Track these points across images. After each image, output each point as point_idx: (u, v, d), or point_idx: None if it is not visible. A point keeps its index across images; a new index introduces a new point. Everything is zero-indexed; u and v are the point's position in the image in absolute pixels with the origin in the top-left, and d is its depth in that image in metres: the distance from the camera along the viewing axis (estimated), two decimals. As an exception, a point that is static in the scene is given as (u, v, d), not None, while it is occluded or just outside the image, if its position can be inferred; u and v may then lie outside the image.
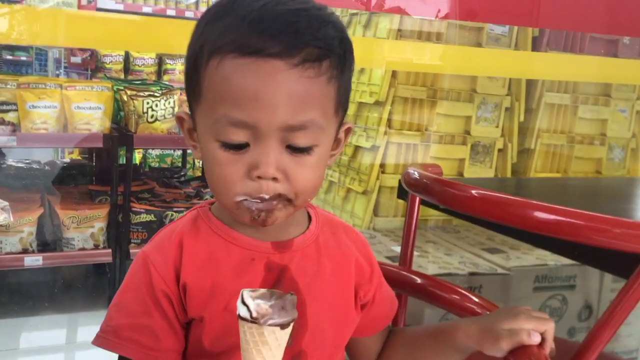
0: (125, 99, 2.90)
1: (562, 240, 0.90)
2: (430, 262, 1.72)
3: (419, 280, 0.90)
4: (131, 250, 2.85)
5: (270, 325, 0.53)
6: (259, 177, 0.65)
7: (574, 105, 2.45)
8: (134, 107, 2.86)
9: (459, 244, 1.97)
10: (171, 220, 2.92)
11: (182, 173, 3.58)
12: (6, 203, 1.46)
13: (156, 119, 2.88)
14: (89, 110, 2.73)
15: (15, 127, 2.61)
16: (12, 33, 2.12)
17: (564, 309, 1.80)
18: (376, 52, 2.09)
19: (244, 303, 0.55)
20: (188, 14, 4.74)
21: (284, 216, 0.68)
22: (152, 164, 4.23)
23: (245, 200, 0.66)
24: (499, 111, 2.29)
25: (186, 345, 0.74)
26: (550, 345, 0.73)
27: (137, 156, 4.12)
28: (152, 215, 2.91)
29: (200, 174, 3.97)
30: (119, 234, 2.85)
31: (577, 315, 1.84)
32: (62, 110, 2.69)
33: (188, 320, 0.72)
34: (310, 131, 0.65)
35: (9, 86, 2.59)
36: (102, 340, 0.72)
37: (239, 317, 0.54)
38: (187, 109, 0.74)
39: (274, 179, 0.65)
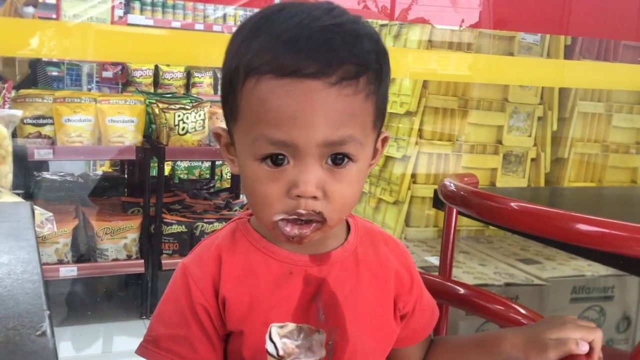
0: (157, 112, 2.95)
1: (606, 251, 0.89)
2: (465, 272, 1.70)
3: (462, 291, 0.90)
4: (163, 261, 2.89)
5: None
6: (298, 196, 0.65)
7: (608, 113, 2.42)
8: (165, 119, 2.91)
9: (493, 254, 1.96)
10: (202, 232, 2.98)
11: (211, 185, 3.61)
12: (50, 214, 1.50)
13: (187, 132, 2.92)
14: (122, 123, 2.78)
15: (51, 140, 2.67)
16: (45, 48, 2.17)
17: (601, 320, 1.77)
18: (404, 62, 2.09)
19: (271, 340, 0.55)
20: (216, 27, 4.82)
21: (318, 236, 0.69)
22: (181, 176, 4.29)
23: (282, 220, 0.67)
24: (531, 120, 2.27)
25: (226, 356, 0.74)
26: (598, 354, 0.73)
27: (166, 168, 4.18)
28: (184, 227, 2.94)
29: (228, 186, 4.01)
30: (151, 245, 2.89)
31: (616, 326, 1.80)
32: (96, 124, 2.75)
33: (227, 332, 0.73)
34: (350, 146, 0.65)
35: (45, 100, 2.66)
36: (143, 350, 0.73)
37: (268, 352, 0.54)
38: (222, 124, 0.74)
39: (314, 197, 0.65)
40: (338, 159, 0.66)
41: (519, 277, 1.72)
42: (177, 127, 2.90)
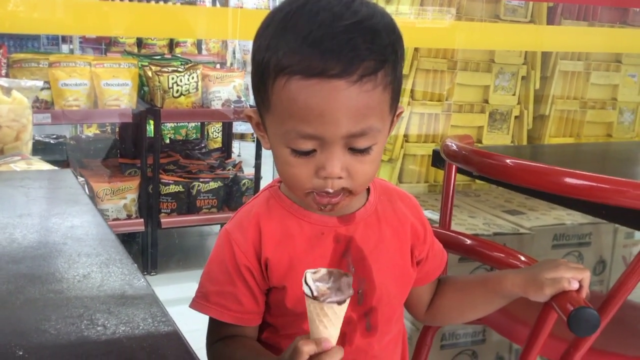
0: (150, 74, 3.00)
1: (590, 201, 1.03)
2: (457, 224, 1.85)
3: (468, 242, 1.03)
4: (162, 220, 2.99)
5: (328, 302, 0.64)
6: (326, 177, 0.74)
7: (586, 71, 2.55)
8: (159, 82, 2.97)
9: (480, 206, 2.10)
10: (198, 191, 3.08)
11: (202, 145, 3.69)
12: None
13: (181, 94, 2.99)
14: (117, 87, 2.83)
15: (48, 105, 2.72)
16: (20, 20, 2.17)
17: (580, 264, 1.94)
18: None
19: (307, 284, 0.66)
20: None
21: (346, 204, 0.79)
22: (168, 136, 4.35)
23: (313, 192, 0.76)
24: (515, 80, 2.39)
25: (268, 307, 0.85)
26: (586, 290, 0.86)
27: (151, 128, 4.23)
28: (180, 186, 3.04)
29: (218, 146, 4.09)
30: (150, 205, 2.99)
31: (592, 269, 1.98)
32: (92, 87, 2.80)
33: (268, 287, 0.83)
34: (370, 135, 0.73)
35: (41, 65, 2.69)
36: (196, 304, 0.83)
37: (305, 294, 0.65)
38: (216, 86, 0.80)
39: (339, 177, 0.75)
40: (358, 151, 0.74)
41: (506, 227, 1.88)
42: (171, 89, 2.96)
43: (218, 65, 4.14)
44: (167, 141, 3.88)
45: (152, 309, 0.62)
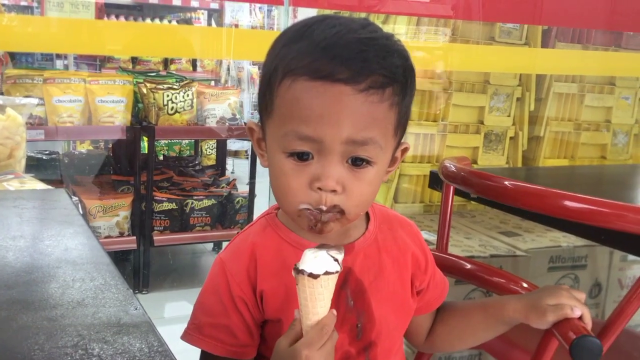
0: (145, 91, 2.99)
1: (589, 225, 1.02)
2: (453, 245, 1.84)
3: (468, 266, 1.02)
4: (155, 238, 2.97)
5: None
6: (320, 189, 0.71)
7: (580, 93, 2.57)
8: (154, 99, 2.96)
9: (476, 227, 2.10)
10: (192, 208, 3.06)
11: (196, 162, 3.67)
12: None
13: (176, 111, 2.98)
14: (112, 103, 2.82)
15: (41, 121, 2.70)
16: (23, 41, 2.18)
17: (576, 287, 1.93)
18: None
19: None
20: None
21: (338, 227, 0.76)
22: (161, 153, 4.33)
23: (306, 209, 0.73)
24: (510, 101, 2.40)
25: (264, 339, 0.82)
26: (589, 318, 0.85)
27: (145, 145, 4.21)
28: (174, 204, 3.02)
29: (212, 163, 4.08)
30: (142, 222, 2.96)
31: (588, 292, 1.97)
32: (86, 104, 2.78)
33: (264, 320, 0.81)
34: (371, 147, 0.71)
35: (35, 81, 2.68)
36: (188, 336, 0.81)
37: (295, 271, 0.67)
38: (211, 103, 0.80)
39: (333, 191, 0.71)
40: (358, 161, 0.72)
41: (502, 248, 1.87)
42: (166, 106, 2.95)
43: (213, 83, 4.14)
44: (161, 158, 3.86)
45: (149, 337, 0.60)
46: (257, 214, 3.30)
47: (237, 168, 5.22)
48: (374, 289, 0.82)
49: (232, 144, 5.15)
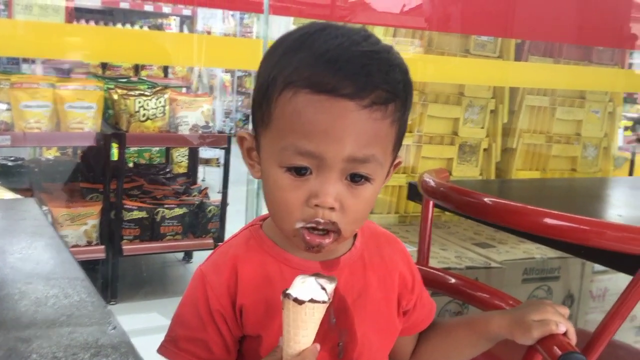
0: (116, 97, 2.93)
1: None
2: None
3: (452, 280, 1.01)
4: (124, 247, 2.90)
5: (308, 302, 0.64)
6: (317, 205, 0.69)
7: (552, 107, 2.61)
8: (125, 106, 2.90)
9: (451, 239, 2.10)
10: (162, 217, 3.00)
11: (167, 170, 3.62)
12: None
13: (148, 118, 2.93)
14: (81, 109, 2.76)
15: (8, 127, 2.62)
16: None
17: (549, 298, 1.95)
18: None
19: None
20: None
21: (333, 247, 0.74)
22: (130, 160, 4.24)
23: (302, 228, 0.71)
24: (484, 113, 2.42)
25: (241, 355, 0.80)
26: (574, 334, 0.84)
27: (115, 152, 4.14)
28: (144, 212, 2.96)
29: (183, 171, 4.02)
30: (111, 231, 2.89)
31: (561, 303, 1.99)
32: (54, 110, 2.71)
33: (242, 335, 0.78)
34: (371, 165, 0.70)
35: (2, 85, 2.60)
36: (163, 349, 0.78)
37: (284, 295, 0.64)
38: (184, 111, 0.78)
39: (331, 208, 0.69)
40: (357, 177, 0.70)
41: (477, 260, 1.88)
42: (137, 113, 2.89)
43: (185, 90, 4.09)
44: (131, 165, 3.79)
45: (129, 359, 0.58)
46: (229, 223, 3.26)
47: (208, 176, 5.15)
48: (358, 307, 0.79)
49: (204, 152, 5.09)
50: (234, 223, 3.12)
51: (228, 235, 3.39)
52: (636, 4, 2.84)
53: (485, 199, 1.12)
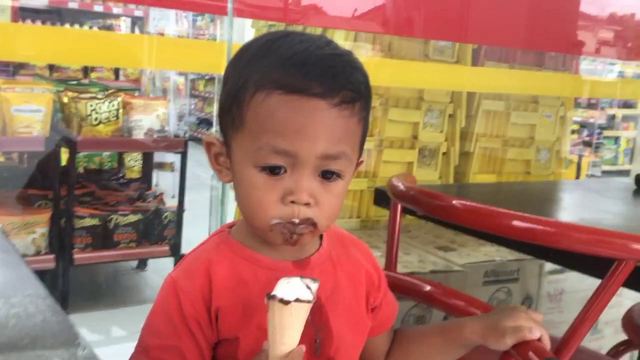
0: (66, 101, 2.83)
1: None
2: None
3: (427, 288, 1.00)
4: (75, 256, 2.79)
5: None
6: (293, 202, 0.72)
7: (507, 111, 2.67)
8: (76, 109, 2.80)
9: (413, 243, 2.11)
10: (116, 224, 2.91)
11: (120, 175, 3.51)
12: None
13: (100, 122, 2.83)
14: (29, 113, 2.64)
15: (-51, 131, 2.49)
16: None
17: (509, 300, 1.98)
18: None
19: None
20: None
21: (310, 239, 0.77)
22: (80, 164, 4.10)
23: (279, 223, 0.73)
24: (443, 117, 2.45)
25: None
26: (547, 339, 0.85)
27: (64, 156, 3.99)
28: (97, 219, 2.86)
29: (137, 176, 3.91)
30: (62, 239, 2.78)
31: (520, 304, 2.02)
32: (0, 113, 2.59)
33: (218, 340, 0.77)
34: (342, 161, 0.73)
35: (-58, 87, 2.47)
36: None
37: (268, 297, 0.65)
38: (138, 114, 0.79)
39: (307, 204, 0.72)
40: (328, 174, 0.74)
41: (440, 264, 1.89)
42: (89, 117, 2.80)
43: (137, 93, 3.98)
44: (81, 170, 3.66)
45: (102, 383, 0.54)
46: (186, 229, 3.19)
47: (161, 181, 5.03)
48: (331, 304, 0.81)
49: (158, 156, 4.98)
50: (191, 229, 3.06)
51: (185, 241, 3.32)
52: (584, 13, 2.94)
53: (454, 202, 1.13)
